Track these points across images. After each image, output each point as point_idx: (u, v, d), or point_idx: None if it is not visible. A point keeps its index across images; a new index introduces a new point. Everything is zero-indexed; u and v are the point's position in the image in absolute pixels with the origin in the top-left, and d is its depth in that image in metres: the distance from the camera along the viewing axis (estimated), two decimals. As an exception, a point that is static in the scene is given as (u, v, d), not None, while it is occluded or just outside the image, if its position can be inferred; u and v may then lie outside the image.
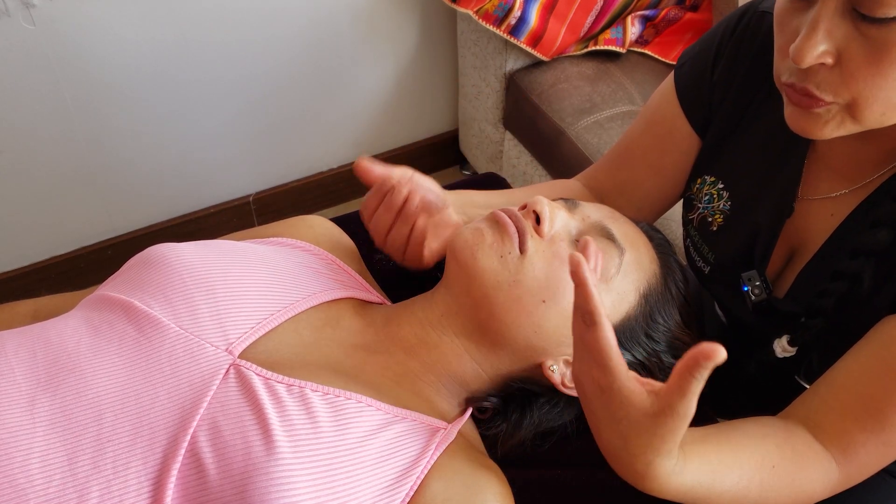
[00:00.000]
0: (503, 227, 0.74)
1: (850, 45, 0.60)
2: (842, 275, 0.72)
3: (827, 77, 0.62)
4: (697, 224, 0.87)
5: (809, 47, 0.60)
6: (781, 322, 0.79)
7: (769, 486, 0.67)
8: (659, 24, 1.74)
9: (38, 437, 0.60)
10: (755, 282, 0.79)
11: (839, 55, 0.61)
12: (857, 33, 0.59)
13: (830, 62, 0.61)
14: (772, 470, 0.68)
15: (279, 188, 1.92)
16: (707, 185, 0.86)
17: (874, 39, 0.59)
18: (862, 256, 0.70)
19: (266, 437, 0.61)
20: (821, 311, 0.74)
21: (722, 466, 0.65)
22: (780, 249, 0.81)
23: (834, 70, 0.62)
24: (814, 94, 0.63)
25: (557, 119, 1.60)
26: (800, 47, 0.61)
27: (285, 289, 0.76)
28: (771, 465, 0.68)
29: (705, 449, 0.65)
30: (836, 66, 0.61)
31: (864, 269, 0.70)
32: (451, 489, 0.65)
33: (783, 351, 0.78)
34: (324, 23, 1.69)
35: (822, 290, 0.74)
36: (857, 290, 0.71)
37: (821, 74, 0.62)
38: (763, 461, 0.68)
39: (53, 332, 0.69)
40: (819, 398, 0.72)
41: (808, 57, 0.61)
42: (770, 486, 0.67)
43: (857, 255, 0.71)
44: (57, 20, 1.42)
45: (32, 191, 1.61)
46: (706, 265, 0.87)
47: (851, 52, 0.60)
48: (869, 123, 0.64)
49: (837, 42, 0.60)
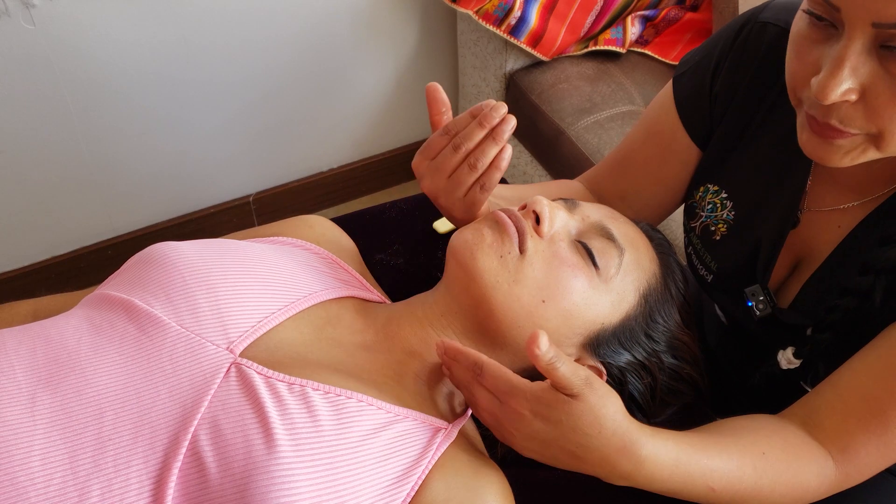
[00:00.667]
0: (503, 227, 0.74)
1: (875, 82, 0.59)
2: (851, 291, 0.71)
3: (850, 112, 0.61)
4: (700, 232, 0.87)
5: (835, 85, 0.59)
6: (785, 332, 0.79)
7: (762, 470, 0.68)
8: (659, 24, 1.74)
9: (39, 435, 0.60)
10: (759, 297, 0.79)
11: (864, 91, 0.60)
12: (882, 70, 0.58)
13: (854, 98, 0.60)
14: (762, 456, 0.68)
15: (279, 188, 1.92)
16: (710, 193, 0.86)
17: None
18: (872, 273, 0.70)
19: (267, 435, 0.61)
20: (829, 326, 0.73)
21: (706, 445, 0.67)
22: (785, 260, 0.80)
23: (857, 105, 0.60)
24: (838, 128, 0.62)
25: (557, 119, 1.60)
26: (824, 84, 0.59)
27: (286, 287, 0.76)
28: (761, 452, 0.68)
29: (689, 437, 0.68)
30: (860, 101, 0.60)
31: (874, 287, 0.69)
32: (452, 489, 0.65)
33: (788, 363, 0.77)
34: (324, 23, 1.69)
35: (831, 305, 0.73)
36: (866, 306, 0.71)
37: (843, 109, 0.61)
38: (752, 448, 0.68)
39: (54, 330, 0.69)
40: (822, 399, 0.72)
41: (832, 95, 0.59)
42: (763, 471, 0.68)
43: (867, 271, 0.70)
44: (57, 20, 1.42)
45: (32, 191, 1.61)
46: (709, 274, 0.87)
47: (877, 88, 0.59)
48: (893, 151, 0.63)
49: (862, 79, 0.59)
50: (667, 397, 0.78)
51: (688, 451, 0.66)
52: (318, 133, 1.88)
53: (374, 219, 1.03)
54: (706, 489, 0.67)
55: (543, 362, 0.60)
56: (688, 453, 0.66)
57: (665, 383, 0.77)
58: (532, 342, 0.60)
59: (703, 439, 0.68)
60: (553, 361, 0.60)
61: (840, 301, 0.72)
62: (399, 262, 0.97)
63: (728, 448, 0.68)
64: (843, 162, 0.65)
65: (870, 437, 0.69)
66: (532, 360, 0.61)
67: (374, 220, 1.03)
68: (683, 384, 0.79)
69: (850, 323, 0.72)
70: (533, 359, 0.60)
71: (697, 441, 0.68)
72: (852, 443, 0.69)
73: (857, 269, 0.71)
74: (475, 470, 0.68)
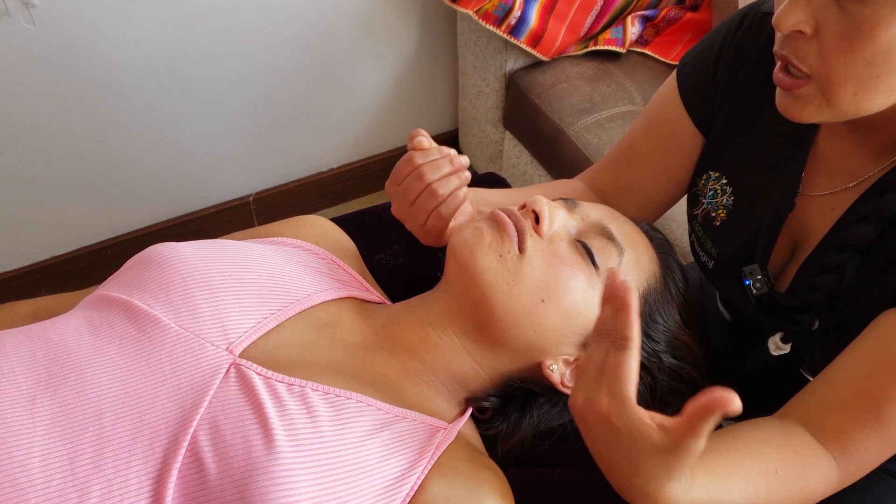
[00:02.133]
0: (502, 227, 0.74)
1: (828, 16, 0.61)
2: (828, 268, 0.72)
3: (805, 47, 0.64)
4: (702, 219, 0.88)
5: (788, 13, 0.63)
6: (784, 317, 0.79)
7: (774, 490, 0.67)
8: (659, 24, 1.74)
9: (39, 436, 0.60)
10: (756, 276, 0.80)
11: (818, 26, 0.62)
12: (836, 5, 0.61)
13: (808, 31, 0.63)
14: (775, 475, 0.68)
15: (279, 188, 1.92)
16: (711, 180, 0.87)
17: (850, 14, 0.60)
18: (847, 251, 0.71)
19: (266, 436, 0.61)
20: (812, 305, 0.74)
21: (727, 477, 0.65)
22: (783, 244, 0.81)
23: (812, 41, 0.63)
24: (792, 61, 0.65)
25: (557, 119, 1.60)
26: (779, 12, 0.63)
27: (286, 288, 0.76)
28: (774, 470, 0.68)
29: (709, 462, 0.64)
30: (813, 37, 0.63)
31: (846, 263, 0.71)
32: (452, 489, 0.65)
33: (777, 348, 0.78)
34: (324, 22, 1.69)
35: (811, 283, 0.74)
36: (843, 285, 0.72)
37: (799, 44, 0.64)
38: (766, 467, 0.68)
39: (54, 331, 0.69)
40: (817, 396, 0.72)
41: (785, 23, 0.63)
42: (775, 490, 0.67)
43: (842, 249, 0.72)
44: (57, 20, 1.42)
45: (32, 191, 1.61)
46: (710, 260, 0.87)
47: (829, 24, 0.61)
48: (843, 105, 0.65)
49: (817, 11, 0.62)
50: (667, 397, 0.78)
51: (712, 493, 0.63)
52: (319, 133, 1.88)
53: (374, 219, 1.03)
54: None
55: (706, 414, 0.52)
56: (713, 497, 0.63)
57: (665, 383, 0.77)
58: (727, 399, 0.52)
59: (725, 467, 0.65)
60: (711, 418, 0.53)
61: (818, 279, 0.73)
62: (399, 262, 0.97)
63: (747, 475, 0.66)
64: (804, 115, 0.67)
65: (867, 433, 0.69)
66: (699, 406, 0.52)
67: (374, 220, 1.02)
68: (683, 384, 0.79)
69: (834, 303, 0.73)
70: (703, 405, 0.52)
71: (720, 470, 0.64)
72: (851, 441, 0.69)
73: (834, 248, 0.72)
74: (474, 470, 0.68)
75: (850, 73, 0.62)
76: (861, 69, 0.61)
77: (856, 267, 0.71)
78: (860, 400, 0.69)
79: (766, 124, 0.82)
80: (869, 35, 0.59)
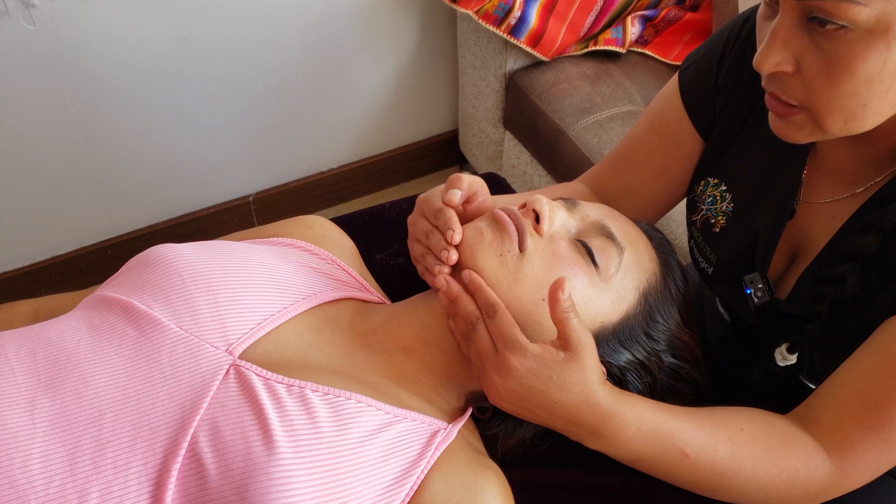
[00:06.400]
0: (503, 226, 0.74)
1: (806, 54, 0.62)
2: (831, 279, 0.72)
3: (790, 83, 0.64)
4: (701, 225, 0.88)
5: (767, 56, 0.63)
6: (784, 324, 0.79)
7: (740, 444, 0.69)
8: (659, 24, 1.74)
9: (39, 437, 0.60)
10: (757, 284, 0.80)
11: (798, 63, 0.63)
12: (812, 44, 0.61)
13: (790, 70, 0.63)
14: (740, 431, 0.70)
15: (279, 188, 1.92)
16: (710, 186, 0.86)
17: (827, 52, 0.60)
18: (849, 261, 0.71)
19: (266, 437, 0.61)
20: (816, 315, 0.74)
21: (677, 411, 0.70)
22: (783, 252, 0.81)
23: (796, 77, 0.64)
24: (780, 97, 0.66)
25: (557, 119, 1.60)
26: (758, 55, 0.64)
27: (286, 289, 0.76)
28: (738, 427, 0.71)
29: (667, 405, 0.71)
30: (797, 73, 0.63)
31: (848, 274, 0.71)
32: (452, 489, 0.65)
33: (783, 359, 0.78)
34: (324, 23, 1.69)
35: (814, 294, 0.74)
36: (846, 295, 0.72)
37: (784, 80, 0.65)
38: (728, 422, 0.71)
39: (54, 332, 0.69)
40: (818, 398, 0.72)
41: (765, 65, 0.64)
42: (742, 445, 0.69)
43: (845, 259, 0.72)
44: (57, 20, 1.42)
45: (32, 191, 1.61)
46: (709, 266, 0.87)
47: (809, 61, 0.62)
48: (834, 132, 0.65)
49: (795, 51, 0.62)
50: (666, 397, 0.78)
51: (654, 410, 0.69)
52: (318, 133, 1.88)
53: (374, 219, 1.03)
54: (678, 452, 0.69)
55: (561, 308, 0.64)
56: (654, 412, 0.69)
57: (665, 383, 0.77)
58: (558, 285, 0.64)
59: (676, 407, 0.72)
60: (569, 311, 0.65)
61: (822, 289, 0.73)
62: (399, 262, 0.97)
63: (702, 418, 0.71)
64: (799, 138, 0.68)
65: (866, 434, 0.69)
66: (550, 305, 0.65)
67: (374, 220, 1.03)
68: (683, 384, 0.79)
69: (837, 313, 0.73)
70: (552, 303, 0.64)
71: (669, 407, 0.71)
72: (848, 439, 0.69)
73: (837, 258, 0.72)
74: (474, 470, 0.68)
75: (836, 104, 0.62)
76: (846, 101, 0.62)
77: (858, 277, 0.71)
78: (861, 400, 0.69)
79: (764, 130, 0.81)
80: (847, 70, 0.60)
